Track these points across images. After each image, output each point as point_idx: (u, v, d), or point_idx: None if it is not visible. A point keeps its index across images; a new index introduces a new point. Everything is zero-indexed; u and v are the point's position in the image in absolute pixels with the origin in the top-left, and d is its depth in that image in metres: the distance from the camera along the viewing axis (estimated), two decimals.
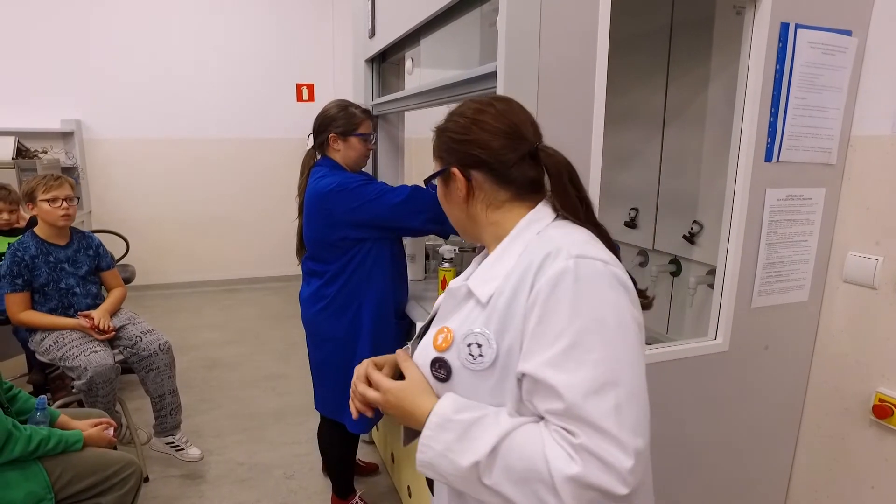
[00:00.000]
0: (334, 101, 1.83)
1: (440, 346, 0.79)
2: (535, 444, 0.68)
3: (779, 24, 1.28)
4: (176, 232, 5.00)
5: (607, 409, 0.66)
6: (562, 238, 0.76)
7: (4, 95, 4.34)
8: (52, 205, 2.25)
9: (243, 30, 4.89)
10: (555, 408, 0.68)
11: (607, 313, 0.69)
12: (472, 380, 0.76)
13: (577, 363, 0.67)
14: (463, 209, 0.86)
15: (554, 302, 0.69)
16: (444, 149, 0.86)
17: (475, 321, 0.77)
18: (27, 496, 1.54)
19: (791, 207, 1.45)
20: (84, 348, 2.20)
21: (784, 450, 1.68)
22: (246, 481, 2.37)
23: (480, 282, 0.80)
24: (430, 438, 0.73)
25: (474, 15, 1.39)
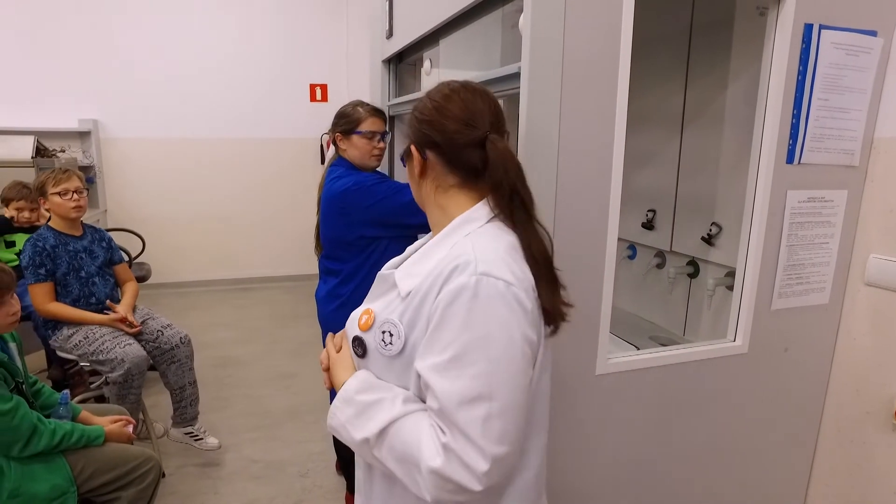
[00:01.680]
0: (350, 102, 1.85)
1: (362, 326, 0.87)
2: (416, 433, 0.77)
3: (802, 24, 1.28)
4: (189, 231, 5.04)
5: (475, 418, 0.73)
6: (476, 251, 0.79)
7: (24, 96, 4.40)
8: (63, 197, 2.28)
9: (257, 31, 4.93)
10: (433, 406, 0.76)
11: (496, 332, 0.74)
12: (382, 362, 0.84)
13: (458, 374, 0.74)
14: (417, 187, 0.93)
15: (450, 313, 0.75)
16: (410, 127, 0.92)
17: (393, 311, 0.84)
18: (52, 489, 1.57)
19: (812, 209, 1.44)
20: (118, 342, 2.25)
21: (802, 455, 1.67)
22: (260, 478, 2.39)
23: (405, 275, 0.86)
24: (337, 409, 0.85)
25: (495, 16, 1.40)
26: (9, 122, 4.24)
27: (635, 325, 1.95)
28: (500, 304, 0.75)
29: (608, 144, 1.20)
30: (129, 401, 2.22)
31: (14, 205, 2.79)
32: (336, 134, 1.80)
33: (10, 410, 1.50)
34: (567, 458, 1.34)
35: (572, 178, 1.18)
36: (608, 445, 1.39)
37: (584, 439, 1.36)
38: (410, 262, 0.88)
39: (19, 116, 4.32)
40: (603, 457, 1.40)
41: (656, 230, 1.95)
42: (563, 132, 1.15)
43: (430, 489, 0.75)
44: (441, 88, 0.90)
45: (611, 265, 1.26)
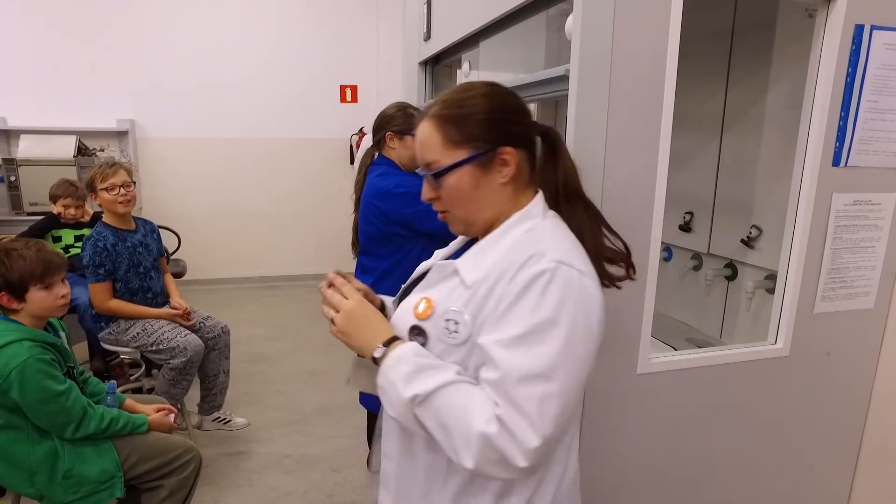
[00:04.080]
0: (395, 103, 1.88)
1: (420, 315, 0.86)
2: (468, 398, 0.76)
3: (853, 25, 1.27)
4: (221, 229, 5.15)
5: (532, 395, 0.74)
6: (548, 242, 0.81)
7: (68, 97, 4.55)
8: (111, 192, 2.32)
9: (289, 32, 5.01)
10: (491, 377, 0.76)
11: (566, 317, 0.76)
12: (443, 349, 0.83)
13: (524, 351, 0.75)
14: (491, 196, 0.87)
15: (524, 295, 0.76)
16: (480, 129, 0.85)
17: (456, 300, 0.84)
18: (101, 473, 1.64)
19: (859, 213, 1.43)
20: (178, 331, 2.37)
21: (844, 464, 1.64)
22: (292, 472, 2.44)
23: (469, 266, 0.85)
24: (388, 367, 0.81)
25: (539, 18, 1.41)
26: (53, 122, 4.38)
27: (671, 327, 1.95)
28: (575, 292, 0.77)
29: (654, 147, 1.21)
30: (181, 387, 2.34)
31: (61, 202, 2.88)
32: (388, 133, 1.82)
33: (65, 392, 1.57)
34: (605, 458, 1.35)
35: (618, 180, 1.19)
36: (646, 446, 1.39)
37: (623, 438, 1.36)
38: (473, 254, 0.88)
39: (62, 117, 4.46)
40: (640, 457, 1.40)
41: (694, 232, 1.94)
42: (611, 134, 1.16)
43: (474, 454, 0.74)
44: (472, 88, 0.88)
45: (654, 266, 1.26)
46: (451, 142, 0.85)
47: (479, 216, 0.89)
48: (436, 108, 0.87)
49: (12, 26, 4.37)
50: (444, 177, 0.86)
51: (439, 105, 0.87)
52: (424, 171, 0.89)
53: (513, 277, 0.78)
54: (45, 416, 1.57)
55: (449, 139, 0.85)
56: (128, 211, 2.41)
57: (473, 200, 0.87)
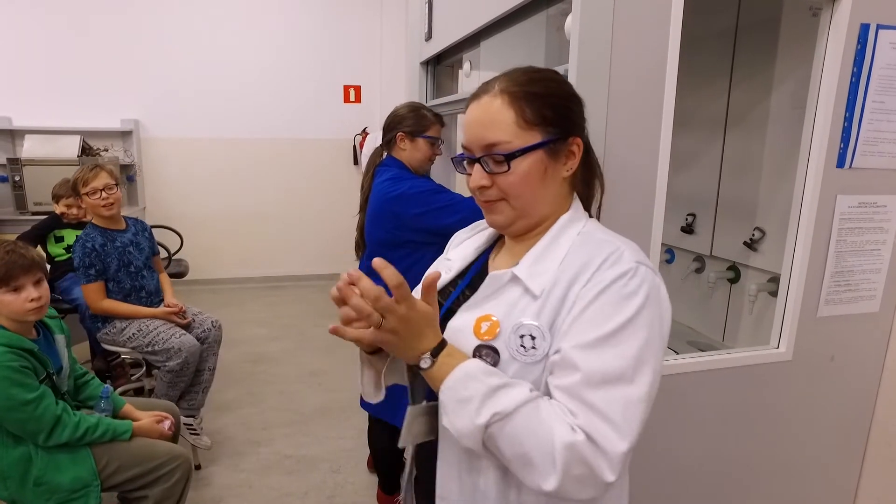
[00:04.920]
0: (406, 103, 1.87)
1: (485, 335, 0.77)
2: (546, 416, 0.69)
3: (858, 24, 1.25)
4: (223, 229, 5.16)
5: (616, 399, 0.68)
6: (620, 242, 0.78)
7: (72, 97, 4.57)
8: (92, 196, 2.29)
9: (293, 33, 5.02)
10: (566, 382, 0.70)
11: (646, 319, 0.72)
12: (518, 369, 0.76)
13: (604, 352, 0.70)
14: (554, 188, 0.81)
15: (603, 298, 0.72)
16: (555, 113, 0.78)
17: (524, 312, 0.76)
18: (74, 481, 1.59)
19: (863, 215, 1.40)
20: (173, 332, 2.34)
21: (848, 471, 1.62)
22: (293, 473, 2.43)
23: (532, 273, 0.78)
24: (458, 382, 0.72)
25: (539, 18, 1.40)
26: (57, 122, 4.40)
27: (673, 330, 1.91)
28: (654, 294, 0.73)
29: (654, 148, 1.19)
30: (178, 388, 2.33)
31: (63, 202, 2.90)
32: (399, 134, 1.80)
33: (33, 400, 1.52)
34: None
35: (617, 182, 1.17)
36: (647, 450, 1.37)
37: None
38: (529, 262, 0.80)
39: (67, 117, 4.49)
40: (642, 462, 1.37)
41: (696, 234, 1.92)
42: (610, 135, 1.14)
43: (558, 472, 0.66)
44: (542, 70, 0.82)
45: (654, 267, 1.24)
46: (526, 121, 0.77)
47: (536, 209, 0.82)
48: (504, 83, 0.79)
49: (17, 26, 4.40)
50: (517, 160, 0.77)
51: (508, 81, 0.79)
52: (482, 151, 0.79)
53: (590, 279, 0.73)
54: (12, 423, 1.54)
55: (523, 118, 0.77)
56: (112, 213, 2.36)
57: (537, 191, 0.80)
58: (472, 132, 0.80)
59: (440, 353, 0.74)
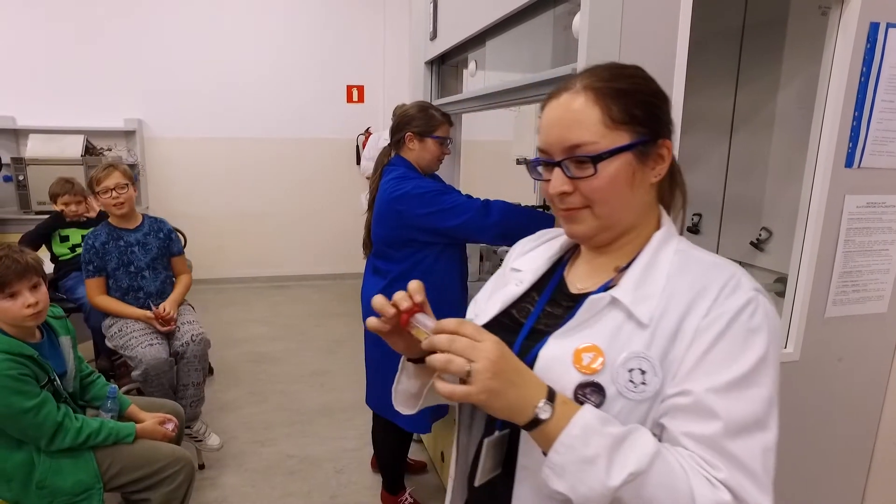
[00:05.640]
0: (415, 102, 1.87)
1: (589, 368, 0.68)
2: (679, 468, 0.62)
3: (868, 23, 1.24)
4: (227, 229, 5.16)
5: (754, 448, 0.63)
6: (726, 263, 0.72)
7: (76, 97, 4.57)
8: (104, 196, 2.34)
9: (296, 32, 5.02)
10: (704, 432, 0.63)
11: (772, 354, 0.66)
12: (623, 407, 0.67)
13: (741, 396, 0.64)
14: (641, 195, 0.74)
15: (732, 331, 0.65)
16: (645, 112, 0.71)
17: (630, 342, 0.68)
18: (76, 484, 1.58)
19: (872, 215, 1.40)
20: (142, 340, 2.28)
21: (855, 473, 1.61)
22: (296, 473, 2.43)
23: (637, 298, 0.70)
24: (578, 439, 0.61)
25: (546, 17, 1.40)
26: (61, 122, 4.41)
27: None
28: (774, 325, 0.68)
29: None
30: (158, 395, 2.26)
31: (61, 200, 2.91)
32: (408, 134, 1.81)
33: (33, 408, 1.50)
34: None
35: None
36: None
37: None
38: (630, 284, 0.71)
39: (70, 116, 4.49)
40: None
41: (702, 234, 1.92)
42: None
43: None
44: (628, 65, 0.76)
45: None
46: (613, 121, 0.70)
47: (622, 218, 0.74)
48: (587, 79, 0.71)
49: (21, 26, 4.40)
50: (604, 162, 0.69)
51: (591, 77, 0.72)
52: (563, 154, 0.71)
53: (709, 310, 0.67)
54: (14, 430, 1.54)
55: (610, 117, 0.69)
56: (123, 212, 2.39)
57: (624, 198, 0.72)
58: (551, 133, 0.73)
59: (556, 400, 0.63)
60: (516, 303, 0.82)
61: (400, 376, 0.85)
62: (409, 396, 0.85)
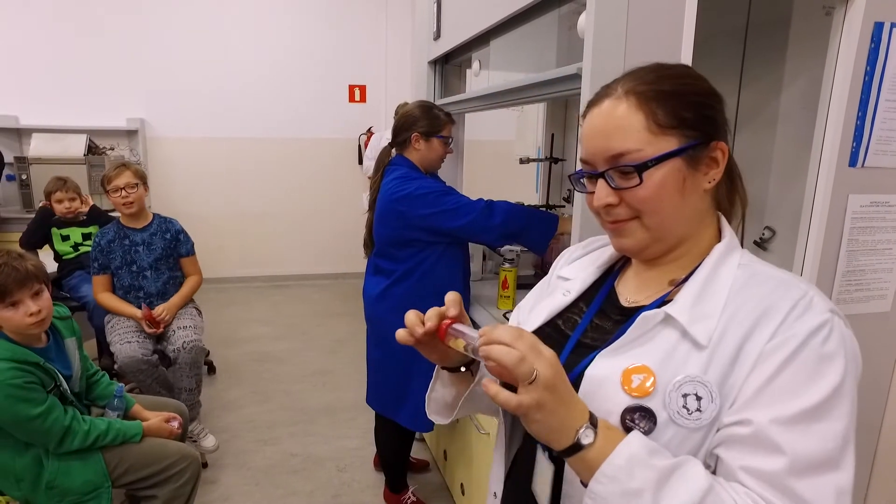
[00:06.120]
0: (417, 102, 1.88)
1: (639, 391, 0.62)
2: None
3: (872, 23, 1.24)
4: (229, 228, 5.17)
5: (827, 491, 0.57)
6: (796, 280, 0.66)
7: (79, 96, 4.58)
8: (113, 195, 2.38)
9: (298, 32, 5.02)
10: (765, 468, 0.57)
11: (850, 388, 0.60)
12: (675, 435, 0.61)
13: (810, 430, 0.57)
14: (694, 203, 0.68)
15: (802, 357, 0.59)
16: (694, 113, 0.66)
17: (686, 364, 0.62)
18: (84, 484, 1.60)
19: (876, 214, 1.40)
20: (122, 337, 2.30)
21: (859, 472, 1.58)
22: (299, 472, 2.43)
23: (694, 317, 0.64)
24: (622, 470, 0.57)
25: (551, 17, 1.40)
26: (64, 121, 4.42)
27: None
28: (852, 353, 0.62)
29: None
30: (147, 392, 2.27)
31: (54, 198, 2.92)
32: (415, 134, 1.81)
33: (40, 415, 1.51)
34: None
35: None
36: None
37: None
38: (690, 300, 0.66)
39: (73, 116, 4.50)
40: None
41: None
42: None
43: None
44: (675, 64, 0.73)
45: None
46: (659, 126, 0.65)
47: (674, 228, 0.69)
48: (630, 83, 0.67)
49: (24, 26, 4.41)
50: (650, 171, 0.65)
51: (634, 80, 0.67)
52: (606, 164, 0.67)
53: (776, 332, 0.60)
54: (22, 436, 1.55)
55: (656, 122, 0.65)
56: (132, 212, 2.42)
57: (675, 207, 0.67)
58: (593, 143, 0.68)
59: (599, 425, 0.59)
60: (563, 313, 0.78)
61: (434, 384, 0.82)
62: (443, 405, 0.82)
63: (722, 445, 0.61)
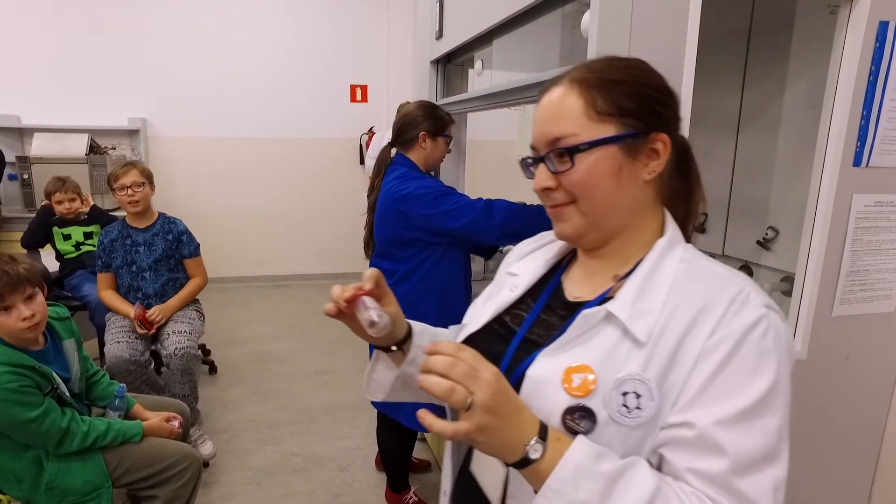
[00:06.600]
0: (418, 103, 1.88)
1: (579, 390, 0.62)
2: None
3: (877, 22, 1.24)
4: (230, 228, 5.16)
5: (765, 485, 0.59)
6: (734, 275, 0.66)
7: (80, 96, 4.58)
8: (120, 193, 2.39)
9: (299, 32, 5.02)
10: (710, 469, 0.58)
11: (784, 379, 0.61)
12: (615, 436, 0.62)
13: (751, 429, 0.59)
14: (632, 193, 0.69)
15: (742, 355, 0.60)
16: (635, 103, 0.67)
17: (626, 362, 0.63)
18: (84, 484, 1.59)
19: (880, 214, 1.40)
20: (113, 337, 2.31)
21: (862, 471, 1.60)
22: (300, 472, 2.43)
23: (635, 313, 0.64)
24: (567, 483, 0.57)
25: (554, 16, 1.40)
26: (65, 120, 4.41)
27: None
28: (786, 346, 0.63)
29: None
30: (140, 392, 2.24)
31: (54, 198, 2.93)
32: (422, 133, 1.81)
33: (37, 418, 1.50)
34: None
35: None
36: None
37: None
38: (630, 296, 0.66)
39: (75, 115, 4.49)
40: None
41: (707, 233, 1.92)
42: None
43: None
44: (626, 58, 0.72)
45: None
46: (597, 112, 0.66)
47: (610, 216, 0.69)
48: (578, 71, 0.69)
49: (26, 25, 4.41)
50: (581, 155, 0.66)
51: (583, 69, 0.69)
52: (546, 148, 0.69)
53: (715, 329, 0.61)
54: (20, 438, 1.54)
55: (594, 108, 0.66)
56: (137, 211, 2.43)
57: (610, 194, 0.68)
58: (538, 128, 0.71)
59: (549, 437, 0.59)
60: (510, 309, 0.78)
61: (375, 364, 0.85)
62: (381, 385, 0.85)
63: (668, 447, 0.61)
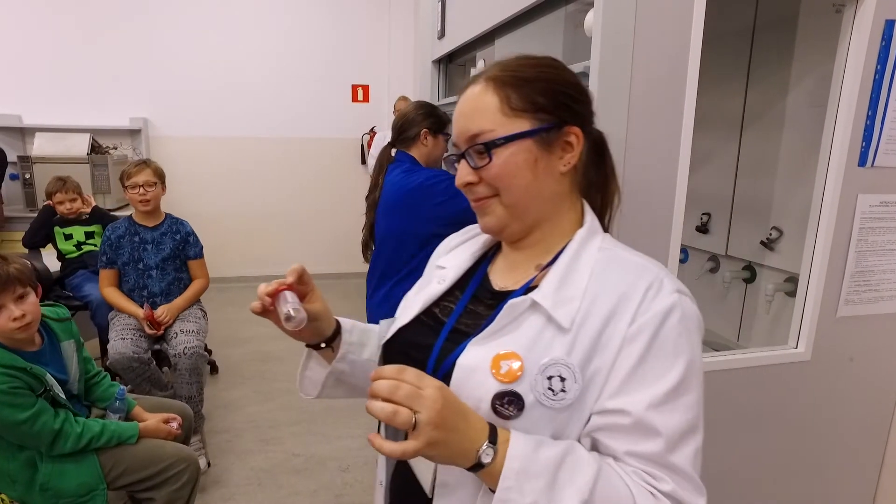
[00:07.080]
0: (417, 102, 1.88)
1: (507, 376, 0.65)
2: (623, 487, 0.62)
3: (883, 21, 1.23)
4: (231, 228, 5.16)
5: (690, 453, 0.64)
6: (648, 263, 0.71)
7: (82, 95, 4.58)
8: (132, 191, 2.40)
9: (301, 32, 5.02)
10: (647, 450, 0.63)
11: (697, 355, 0.67)
12: (542, 418, 0.65)
13: (676, 407, 0.64)
14: (549, 185, 0.72)
15: (661, 339, 0.65)
16: (547, 98, 0.70)
17: (551, 348, 0.66)
18: (79, 486, 1.58)
19: (886, 214, 1.39)
20: (118, 334, 2.30)
21: (867, 472, 1.60)
22: (302, 472, 2.43)
23: (558, 301, 0.67)
24: (513, 490, 0.59)
25: (557, 15, 1.39)
26: (67, 120, 4.41)
27: None
28: (697, 325, 0.68)
29: (675, 147, 1.18)
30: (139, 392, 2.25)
31: (55, 198, 2.93)
32: (425, 130, 1.82)
33: (28, 420, 1.48)
34: None
35: (638, 181, 1.16)
36: None
37: None
38: (553, 286, 0.69)
39: (76, 115, 4.50)
40: None
41: (711, 234, 1.91)
42: (631, 134, 1.13)
43: None
44: (539, 56, 0.74)
45: (672, 268, 1.23)
46: (511, 108, 0.70)
47: (529, 207, 0.73)
48: (493, 70, 0.73)
49: (27, 25, 4.41)
50: (497, 150, 0.70)
51: (497, 68, 0.73)
52: (466, 144, 0.73)
53: (635, 316, 0.65)
54: (12, 439, 1.54)
55: (508, 105, 0.70)
56: (147, 209, 2.44)
57: (527, 185, 0.71)
58: (457, 125, 0.74)
59: (499, 440, 0.61)
60: (439, 301, 0.80)
61: (308, 362, 0.86)
62: (314, 382, 0.86)
63: (604, 432, 0.65)
